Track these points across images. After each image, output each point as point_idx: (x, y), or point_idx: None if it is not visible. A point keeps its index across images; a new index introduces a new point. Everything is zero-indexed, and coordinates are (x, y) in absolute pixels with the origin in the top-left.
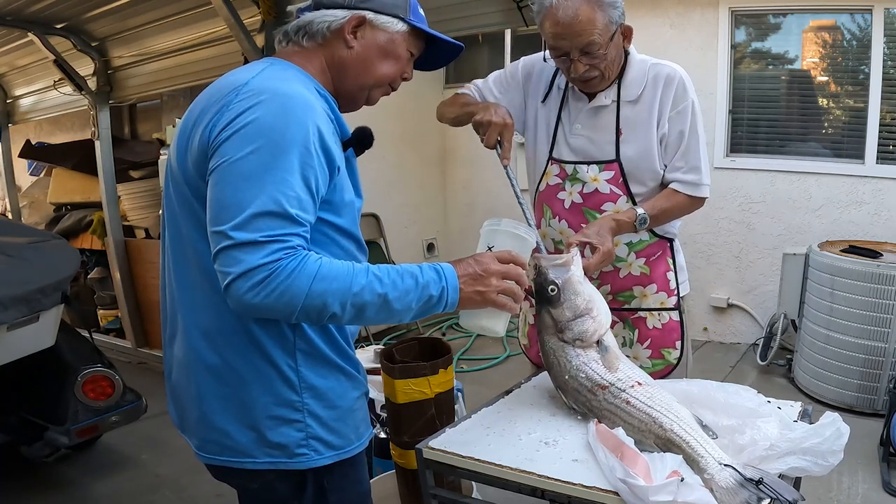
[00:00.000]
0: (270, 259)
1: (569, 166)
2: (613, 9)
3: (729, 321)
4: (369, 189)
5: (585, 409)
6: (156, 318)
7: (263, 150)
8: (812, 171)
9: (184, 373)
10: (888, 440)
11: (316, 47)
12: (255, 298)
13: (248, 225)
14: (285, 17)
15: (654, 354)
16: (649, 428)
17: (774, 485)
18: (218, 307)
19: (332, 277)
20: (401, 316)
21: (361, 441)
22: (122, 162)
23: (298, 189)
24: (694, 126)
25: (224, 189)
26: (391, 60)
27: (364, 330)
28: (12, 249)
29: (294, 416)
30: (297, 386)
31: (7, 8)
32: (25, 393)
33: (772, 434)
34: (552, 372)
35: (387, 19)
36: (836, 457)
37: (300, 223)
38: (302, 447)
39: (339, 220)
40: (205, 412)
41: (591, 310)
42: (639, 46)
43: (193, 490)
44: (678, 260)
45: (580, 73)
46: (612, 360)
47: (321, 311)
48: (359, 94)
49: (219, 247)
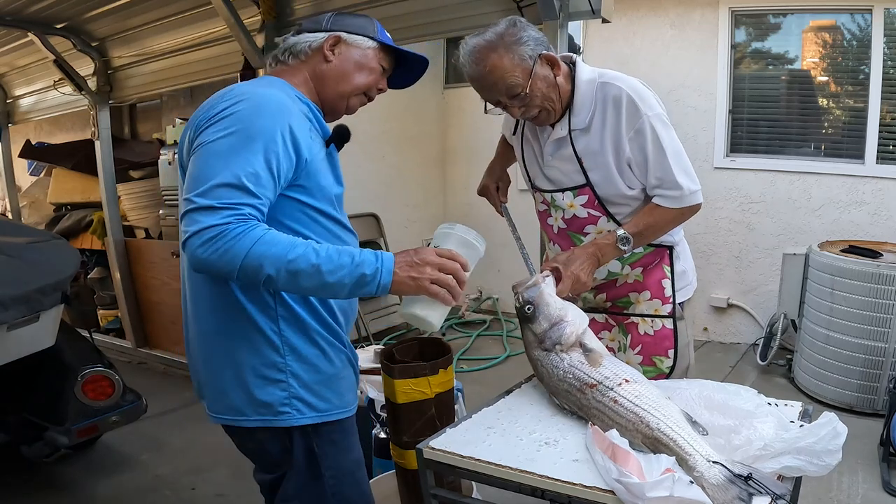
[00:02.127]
0: (222, 222)
1: (548, 195)
2: (521, 45)
3: (729, 321)
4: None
5: (576, 409)
6: (156, 318)
7: (234, 135)
8: (812, 171)
9: (194, 342)
10: (888, 440)
11: (300, 64)
12: (203, 254)
13: (209, 193)
14: (285, 18)
15: (646, 361)
16: (636, 427)
17: (763, 480)
18: (213, 283)
19: (271, 244)
20: (335, 290)
21: (347, 408)
22: (122, 162)
23: (259, 168)
24: (657, 141)
25: (197, 164)
26: (365, 72)
27: (364, 330)
28: (12, 249)
29: (278, 377)
30: (280, 349)
31: (7, 8)
32: (25, 393)
33: (767, 434)
34: (543, 381)
35: (359, 38)
36: (833, 457)
37: (255, 196)
38: (285, 405)
39: (314, 201)
40: (209, 374)
41: (564, 316)
42: (639, 46)
43: (193, 490)
44: (677, 267)
45: (519, 116)
46: (596, 358)
47: (257, 272)
48: (338, 102)
49: (183, 210)
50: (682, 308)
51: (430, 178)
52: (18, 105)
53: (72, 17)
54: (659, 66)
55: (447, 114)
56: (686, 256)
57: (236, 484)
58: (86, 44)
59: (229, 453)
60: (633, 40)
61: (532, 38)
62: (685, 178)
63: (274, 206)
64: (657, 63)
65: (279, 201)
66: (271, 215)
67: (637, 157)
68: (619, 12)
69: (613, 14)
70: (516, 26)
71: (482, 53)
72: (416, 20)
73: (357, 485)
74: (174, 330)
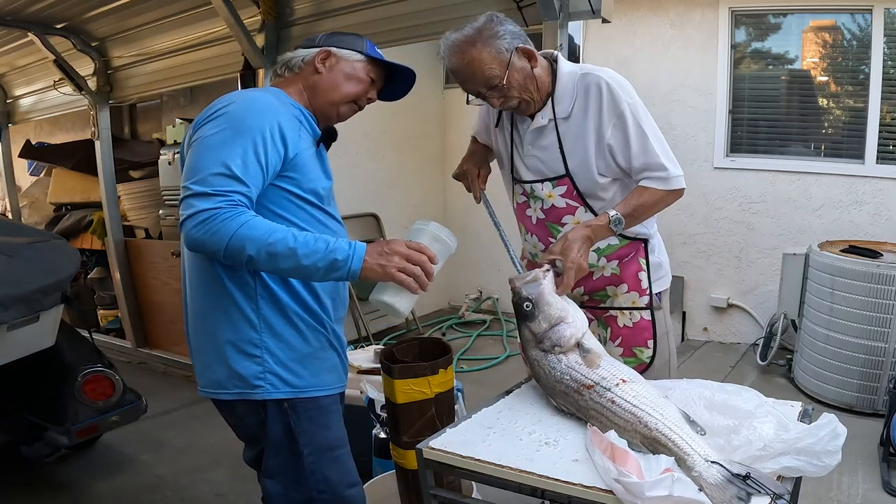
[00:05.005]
0: (213, 206)
1: (527, 185)
2: (498, 39)
3: (729, 321)
4: (369, 189)
5: (574, 410)
6: (156, 318)
7: (226, 130)
8: (812, 171)
9: (189, 324)
10: (888, 440)
11: (294, 76)
12: (196, 234)
13: (203, 181)
14: (285, 18)
15: (626, 353)
16: (635, 427)
17: (762, 479)
18: (200, 266)
19: (254, 228)
20: (310, 272)
21: (324, 387)
22: (122, 162)
23: (248, 160)
24: (638, 126)
25: (193, 156)
26: (354, 82)
27: (364, 330)
28: (12, 249)
29: (254, 352)
30: (257, 326)
31: (7, 8)
32: (25, 393)
33: (767, 434)
34: (540, 382)
35: (347, 52)
36: (832, 458)
37: (244, 184)
38: (259, 379)
39: (300, 191)
40: (197, 351)
41: (564, 317)
42: (639, 46)
43: (193, 490)
44: (652, 259)
45: (498, 106)
46: (593, 359)
47: (240, 252)
48: (329, 110)
49: (181, 196)
50: (659, 298)
51: (430, 178)
52: (18, 105)
53: (72, 17)
54: (659, 66)
55: (447, 114)
56: (661, 249)
57: (236, 484)
58: (86, 44)
59: (229, 453)
60: (633, 40)
61: (509, 32)
62: (668, 161)
63: (263, 193)
64: (657, 63)
65: (268, 190)
66: (260, 202)
67: (619, 143)
68: (619, 12)
69: (613, 14)
70: (493, 21)
71: (461, 48)
72: (415, 20)
73: (337, 462)
74: (174, 330)
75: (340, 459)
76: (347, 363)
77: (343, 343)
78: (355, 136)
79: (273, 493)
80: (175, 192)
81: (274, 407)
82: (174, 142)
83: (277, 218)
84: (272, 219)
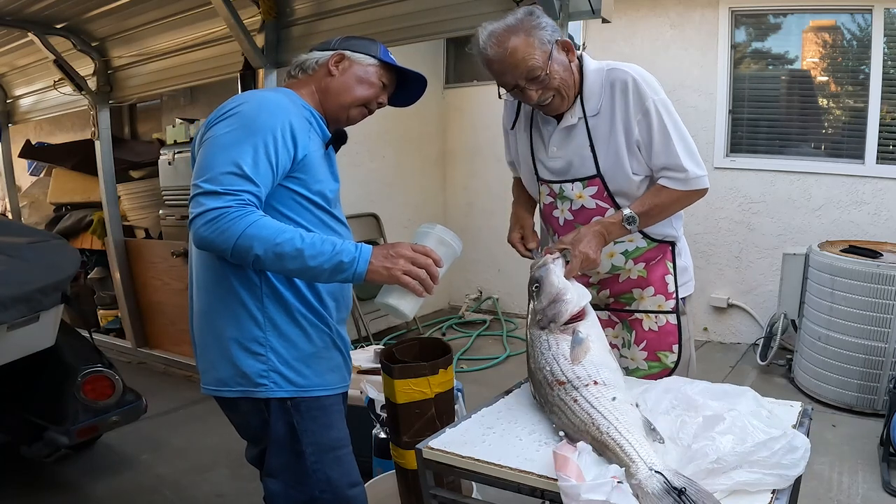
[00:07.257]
0: (223, 205)
1: (555, 185)
2: (540, 30)
3: (729, 321)
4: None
5: (543, 402)
6: (156, 318)
7: (238, 130)
8: (812, 171)
9: (194, 322)
10: (888, 440)
11: (308, 78)
12: (205, 232)
13: (214, 179)
14: (285, 18)
15: (650, 357)
16: (587, 429)
17: (697, 495)
18: (208, 265)
19: (263, 228)
20: (315, 273)
21: (327, 387)
22: (122, 162)
23: (258, 159)
24: (662, 124)
25: (205, 155)
26: (365, 85)
27: (364, 330)
28: (12, 249)
29: (258, 350)
30: (262, 324)
31: (7, 8)
32: (25, 393)
33: (723, 447)
34: (529, 362)
35: (361, 56)
36: (793, 469)
37: (254, 183)
38: (263, 378)
39: (308, 192)
40: (202, 349)
41: (563, 294)
42: (639, 46)
43: (193, 490)
44: (679, 263)
45: (535, 100)
46: (579, 353)
47: (248, 252)
48: (340, 112)
49: (192, 194)
50: (683, 303)
51: (430, 178)
52: (18, 105)
53: (72, 17)
54: (659, 67)
55: (447, 114)
56: (687, 253)
57: (236, 484)
58: (86, 44)
59: (229, 453)
60: (633, 40)
61: (549, 25)
62: (690, 161)
63: (271, 194)
64: (657, 63)
65: (276, 190)
66: (267, 202)
67: (644, 139)
68: (619, 12)
69: (613, 14)
70: (533, 14)
71: (503, 37)
72: (416, 20)
73: (339, 462)
74: (174, 330)
75: (343, 459)
76: (351, 363)
77: (347, 343)
78: (355, 135)
79: (275, 493)
80: (175, 193)
81: (277, 405)
82: (174, 142)
83: (283, 218)
84: (278, 219)
